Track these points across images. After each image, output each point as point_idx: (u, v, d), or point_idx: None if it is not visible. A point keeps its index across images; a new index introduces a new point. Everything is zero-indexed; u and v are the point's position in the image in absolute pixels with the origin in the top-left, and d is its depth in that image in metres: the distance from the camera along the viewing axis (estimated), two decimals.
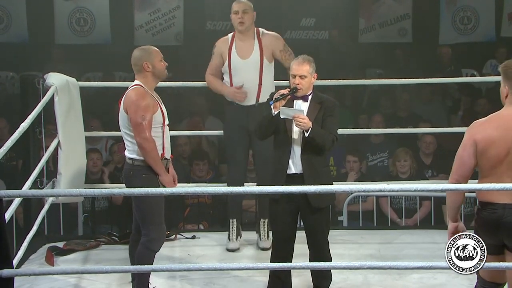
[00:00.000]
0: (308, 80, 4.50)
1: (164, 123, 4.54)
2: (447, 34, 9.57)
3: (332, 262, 4.47)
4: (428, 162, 7.23)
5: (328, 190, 4.10)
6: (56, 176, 5.50)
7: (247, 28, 5.37)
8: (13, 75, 9.10)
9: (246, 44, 5.38)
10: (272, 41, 5.41)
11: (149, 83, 4.55)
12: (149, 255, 4.49)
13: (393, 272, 4.91)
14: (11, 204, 4.68)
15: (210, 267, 3.93)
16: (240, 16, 5.35)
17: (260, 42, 5.38)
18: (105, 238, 5.75)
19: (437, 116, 8.16)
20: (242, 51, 5.38)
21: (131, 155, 4.51)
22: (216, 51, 5.48)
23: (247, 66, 5.35)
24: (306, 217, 4.52)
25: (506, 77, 3.76)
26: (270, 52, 5.39)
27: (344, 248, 5.53)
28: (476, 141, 3.72)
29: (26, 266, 5.19)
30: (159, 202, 4.49)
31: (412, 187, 3.70)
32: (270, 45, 5.39)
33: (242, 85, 5.36)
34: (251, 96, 5.35)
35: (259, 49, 5.36)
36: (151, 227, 4.48)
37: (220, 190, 3.83)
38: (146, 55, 4.55)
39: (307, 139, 4.42)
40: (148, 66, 4.53)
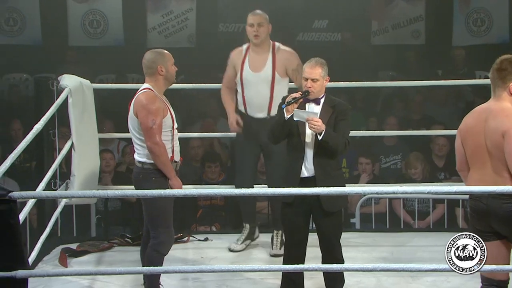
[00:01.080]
0: (320, 83, 4.49)
1: (173, 126, 4.54)
2: (461, 36, 9.54)
3: (345, 264, 4.46)
4: (441, 165, 7.20)
5: (341, 192, 4.10)
6: (70, 178, 5.52)
7: (262, 41, 5.30)
8: (27, 77, 9.16)
9: (260, 57, 5.34)
10: (287, 57, 5.34)
11: (160, 87, 4.54)
12: (158, 258, 4.50)
13: (406, 275, 4.90)
14: (25, 206, 4.70)
15: (223, 268, 3.93)
16: (256, 29, 5.29)
17: (274, 57, 5.32)
18: (118, 239, 5.77)
19: (450, 118, 8.13)
20: (255, 64, 5.33)
21: (141, 159, 4.51)
22: (230, 62, 5.46)
23: (259, 80, 5.31)
24: (319, 220, 4.52)
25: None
26: (283, 68, 5.32)
27: (356, 250, 5.52)
28: (460, 130, 4.01)
29: (40, 267, 5.21)
30: (168, 206, 4.49)
31: (426, 189, 3.70)
32: (284, 61, 5.32)
33: (241, 123, 5.37)
34: (262, 109, 5.32)
35: (272, 64, 5.30)
36: (160, 230, 4.49)
37: (232, 192, 3.83)
38: (161, 58, 4.55)
39: (320, 142, 4.41)
40: (162, 70, 4.53)
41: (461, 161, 4.02)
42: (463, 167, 4.02)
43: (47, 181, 5.19)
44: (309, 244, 4.55)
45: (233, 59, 5.44)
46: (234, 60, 5.42)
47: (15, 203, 3.41)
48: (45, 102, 5.55)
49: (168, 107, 4.54)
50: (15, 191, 3.45)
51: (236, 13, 9.36)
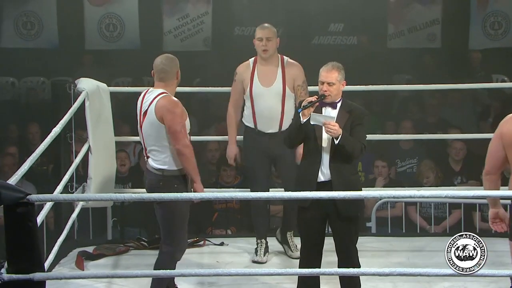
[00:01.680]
0: (336, 87, 4.48)
1: (190, 130, 4.55)
2: (477, 39, 9.50)
3: (361, 269, 4.44)
4: (458, 169, 7.17)
5: (357, 196, 4.08)
6: (86, 181, 5.54)
7: (271, 55, 5.24)
8: (44, 81, 9.21)
9: (269, 71, 5.26)
10: (295, 72, 5.28)
11: (173, 91, 4.55)
12: (172, 264, 4.48)
13: (423, 280, 4.87)
14: (42, 209, 4.72)
15: (239, 272, 3.93)
16: (264, 43, 5.21)
17: (284, 71, 5.26)
18: (134, 243, 5.78)
19: (466, 122, 8.10)
20: (265, 79, 5.25)
21: (161, 166, 4.45)
22: (237, 77, 5.35)
23: (270, 94, 5.23)
24: (335, 225, 4.51)
25: None
26: (292, 82, 5.27)
27: (373, 255, 5.50)
28: (502, 134, 3.88)
29: (57, 270, 5.23)
30: (186, 211, 4.47)
31: (443, 193, 3.68)
32: (293, 76, 5.27)
33: (238, 160, 5.47)
34: (274, 123, 5.26)
35: (282, 78, 5.24)
36: (176, 237, 4.46)
37: (248, 195, 3.84)
38: (177, 63, 4.58)
39: (336, 147, 4.41)
40: (178, 74, 4.56)
41: (494, 165, 3.94)
42: (494, 171, 3.95)
43: (64, 184, 5.21)
44: (325, 248, 4.54)
45: (240, 73, 5.33)
46: (242, 74, 5.31)
47: (33, 206, 3.42)
48: (62, 105, 5.57)
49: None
50: (32, 194, 3.46)
51: (251, 17, 9.37)
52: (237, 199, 6.12)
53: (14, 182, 3.67)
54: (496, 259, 5.01)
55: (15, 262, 3.41)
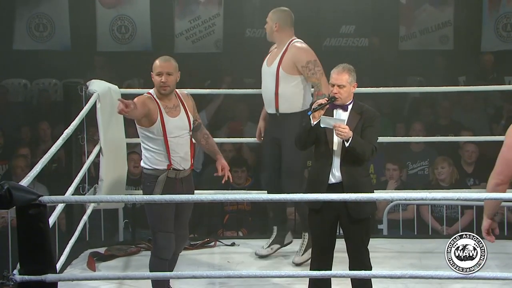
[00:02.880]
0: (347, 89, 4.47)
1: (165, 135, 4.52)
2: (490, 41, 9.46)
3: (373, 271, 4.44)
4: (470, 171, 7.15)
5: (369, 198, 4.07)
6: (98, 182, 5.56)
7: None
8: (56, 82, 9.24)
9: (276, 52, 5.34)
10: (295, 54, 5.22)
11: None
12: (159, 264, 4.51)
13: (435, 282, 4.86)
14: (54, 210, 4.73)
15: (250, 274, 3.92)
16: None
17: (284, 52, 5.25)
18: (146, 244, 5.79)
19: (479, 124, 8.06)
20: (271, 59, 5.35)
21: (142, 164, 4.63)
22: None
23: (267, 74, 5.32)
24: (346, 227, 4.50)
25: None
26: (291, 64, 5.21)
27: (384, 257, 5.49)
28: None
29: (69, 271, 5.24)
30: (165, 210, 4.50)
31: (455, 195, 3.67)
32: (292, 58, 5.21)
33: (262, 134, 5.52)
34: (270, 104, 5.30)
35: (279, 59, 5.25)
36: (157, 235, 4.53)
37: (259, 197, 3.84)
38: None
39: (347, 149, 4.40)
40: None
41: (508, 174, 3.73)
42: (505, 180, 3.74)
43: (75, 186, 5.23)
44: (337, 250, 4.53)
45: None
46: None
47: (45, 207, 3.44)
48: (74, 107, 5.60)
49: (162, 113, 4.53)
50: (44, 196, 3.47)
51: (263, 18, 9.32)
52: (248, 200, 6.12)
53: (26, 183, 3.69)
54: (509, 261, 4.99)
55: (27, 263, 3.42)
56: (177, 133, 4.56)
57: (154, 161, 4.54)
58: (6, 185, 3.34)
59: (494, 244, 5.67)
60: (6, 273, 3.38)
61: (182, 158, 4.57)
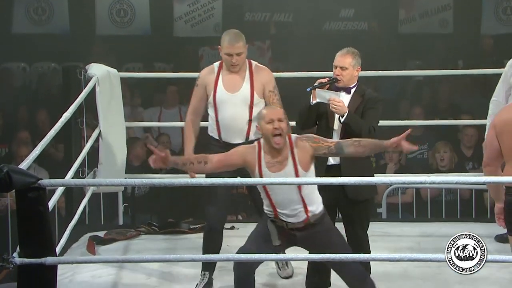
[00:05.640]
0: (349, 72, 4.48)
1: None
2: (490, 25, 9.43)
3: (371, 254, 4.45)
4: (469, 155, 7.16)
5: (368, 182, 4.07)
6: (97, 166, 5.57)
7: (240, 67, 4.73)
8: (55, 66, 9.23)
9: (235, 76, 4.73)
10: (265, 77, 4.76)
11: None
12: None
13: (434, 265, 4.87)
14: (54, 194, 4.74)
15: (249, 257, 3.94)
16: (235, 59, 4.67)
17: (252, 76, 4.74)
18: (145, 228, 5.81)
19: (478, 108, 8.05)
20: (230, 84, 4.72)
21: None
22: (200, 82, 4.81)
23: (235, 101, 4.70)
24: (344, 210, 4.50)
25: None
26: (261, 88, 4.74)
27: (383, 240, 5.50)
28: (495, 124, 3.90)
29: (68, 254, 5.26)
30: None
31: (454, 179, 3.68)
32: (262, 81, 4.74)
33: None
34: (240, 133, 4.71)
35: (250, 83, 4.72)
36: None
37: (260, 181, 3.85)
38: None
39: (346, 129, 4.40)
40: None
41: (492, 156, 3.92)
42: (492, 162, 3.92)
43: (75, 170, 5.24)
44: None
45: (203, 78, 4.79)
46: (205, 79, 4.78)
47: (44, 190, 3.44)
48: (73, 90, 5.59)
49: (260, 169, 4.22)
50: (44, 179, 3.48)
51: (262, 2, 9.34)
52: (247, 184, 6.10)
53: (26, 166, 3.69)
54: (507, 245, 5.00)
55: (26, 246, 3.43)
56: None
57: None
58: (5, 168, 3.34)
59: (492, 227, 5.71)
60: (6, 256, 3.40)
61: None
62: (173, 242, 5.63)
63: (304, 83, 5.57)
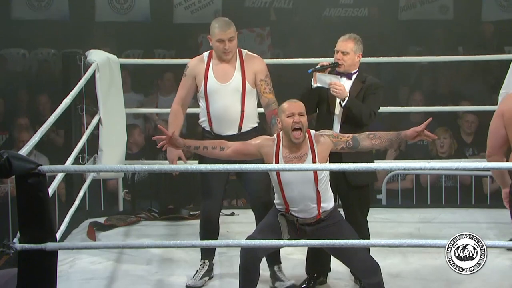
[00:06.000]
0: (350, 57, 4.48)
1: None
2: (490, 11, 9.40)
3: (371, 240, 4.47)
4: (469, 141, 7.16)
5: (367, 168, 4.06)
6: (97, 152, 5.57)
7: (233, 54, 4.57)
8: (54, 52, 9.21)
9: (226, 65, 4.57)
10: (257, 66, 4.59)
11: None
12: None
13: (433, 251, 4.88)
14: (54, 180, 4.75)
15: (249, 243, 3.94)
16: (227, 46, 4.53)
17: (243, 65, 4.57)
18: (145, 214, 5.82)
19: (478, 94, 8.05)
20: (221, 74, 4.56)
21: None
22: (188, 72, 4.64)
23: (226, 91, 4.54)
24: (344, 195, 4.51)
25: None
26: (253, 77, 4.58)
27: (383, 226, 5.51)
28: (503, 112, 3.85)
29: (69, 240, 5.28)
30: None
31: (454, 165, 3.67)
32: (254, 70, 4.58)
33: (184, 160, 4.69)
34: (232, 125, 4.56)
35: (241, 73, 4.55)
36: None
37: (259, 167, 3.84)
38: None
39: (347, 114, 4.40)
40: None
41: (496, 145, 3.89)
42: (496, 151, 3.89)
43: (75, 156, 5.24)
44: None
45: (192, 68, 4.63)
46: (194, 69, 4.62)
47: (44, 176, 3.44)
48: (73, 77, 5.59)
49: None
50: (44, 165, 3.48)
51: None
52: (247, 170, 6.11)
53: (26, 152, 3.69)
54: (506, 231, 5.01)
55: (27, 232, 3.44)
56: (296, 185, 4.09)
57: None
58: (5, 154, 3.34)
59: (491, 213, 5.72)
60: (6, 242, 3.40)
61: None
62: (173, 228, 5.65)
63: (304, 69, 5.58)
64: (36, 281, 3.40)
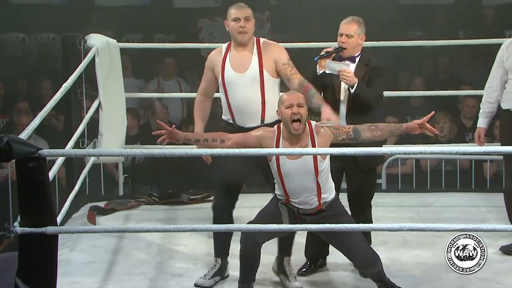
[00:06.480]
0: (354, 40, 4.47)
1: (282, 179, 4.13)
2: None
3: (372, 224, 4.47)
4: (469, 125, 7.16)
5: (367, 153, 4.06)
6: (97, 137, 5.57)
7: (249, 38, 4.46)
8: (54, 37, 9.19)
9: (242, 55, 4.46)
10: (275, 53, 4.47)
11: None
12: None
13: (433, 235, 4.90)
14: (54, 164, 4.75)
15: (249, 227, 3.95)
16: (242, 23, 4.45)
17: (260, 53, 4.45)
18: (145, 198, 5.83)
19: (479, 78, 8.02)
20: (238, 64, 4.45)
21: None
22: (207, 64, 4.57)
23: (244, 82, 4.42)
24: (352, 178, 4.51)
25: None
26: (272, 65, 4.45)
27: (383, 210, 5.53)
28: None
29: (69, 224, 5.29)
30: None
31: (454, 149, 3.67)
32: (273, 57, 4.46)
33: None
34: (254, 116, 4.43)
35: (258, 61, 4.43)
36: None
37: (259, 151, 3.85)
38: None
39: (353, 99, 4.40)
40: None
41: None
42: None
43: (75, 140, 5.24)
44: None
45: (211, 60, 4.55)
46: (213, 61, 4.53)
47: (44, 160, 3.44)
48: (72, 61, 5.58)
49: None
50: (44, 149, 3.48)
51: None
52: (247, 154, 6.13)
53: (25, 136, 3.69)
54: (506, 214, 5.02)
55: (27, 216, 3.44)
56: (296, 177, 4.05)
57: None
58: (5, 138, 3.34)
59: (491, 197, 5.73)
60: (6, 225, 3.41)
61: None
62: (173, 212, 5.66)
63: (304, 54, 5.57)
64: (37, 264, 3.41)
